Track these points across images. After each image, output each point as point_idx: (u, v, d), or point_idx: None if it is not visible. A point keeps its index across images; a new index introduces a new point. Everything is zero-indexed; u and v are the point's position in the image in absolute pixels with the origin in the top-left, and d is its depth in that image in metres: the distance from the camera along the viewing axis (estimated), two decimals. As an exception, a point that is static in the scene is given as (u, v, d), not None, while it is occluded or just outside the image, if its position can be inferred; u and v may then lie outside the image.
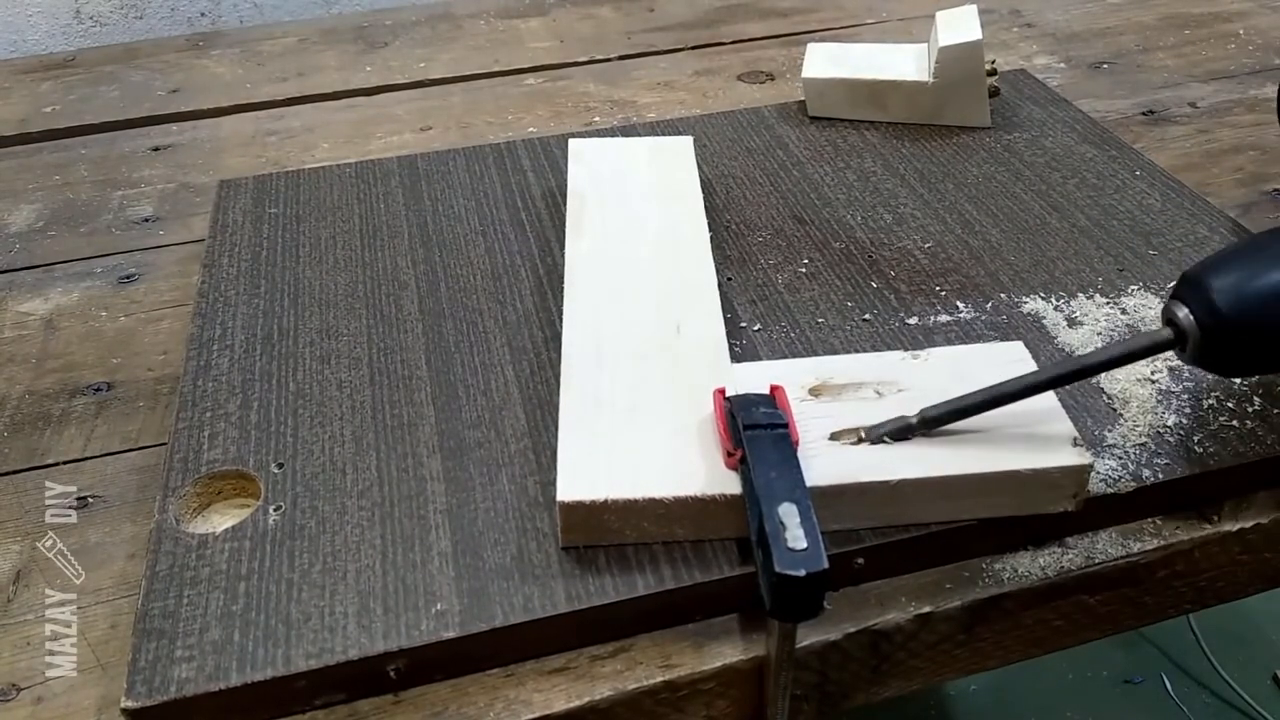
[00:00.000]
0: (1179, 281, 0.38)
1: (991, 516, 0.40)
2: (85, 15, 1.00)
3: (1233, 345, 0.37)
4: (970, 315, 0.50)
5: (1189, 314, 0.37)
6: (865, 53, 0.69)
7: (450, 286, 0.53)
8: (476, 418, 0.45)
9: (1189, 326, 0.37)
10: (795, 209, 0.59)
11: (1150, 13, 0.87)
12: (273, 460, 0.44)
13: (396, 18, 0.93)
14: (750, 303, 0.52)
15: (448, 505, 0.41)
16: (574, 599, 0.37)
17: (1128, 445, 0.43)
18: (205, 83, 0.82)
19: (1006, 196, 0.59)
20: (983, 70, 0.64)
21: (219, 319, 0.52)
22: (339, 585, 0.38)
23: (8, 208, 0.67)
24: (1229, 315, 0.36)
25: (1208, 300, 0.36)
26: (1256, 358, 0.37)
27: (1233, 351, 0.37)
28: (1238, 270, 0.37)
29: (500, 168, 0.64)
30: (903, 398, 0.42)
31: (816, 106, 0.68)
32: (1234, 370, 0.39)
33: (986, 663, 0.42)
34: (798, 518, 0.35)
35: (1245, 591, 0.45)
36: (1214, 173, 0.65)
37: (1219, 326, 0.36)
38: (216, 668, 0.36)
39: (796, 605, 0.34)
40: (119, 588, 0.41)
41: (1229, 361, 0.38)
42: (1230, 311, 0.36)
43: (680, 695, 0.38)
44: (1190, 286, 0.37)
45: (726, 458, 0.39)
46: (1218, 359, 0.37)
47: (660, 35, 0.87)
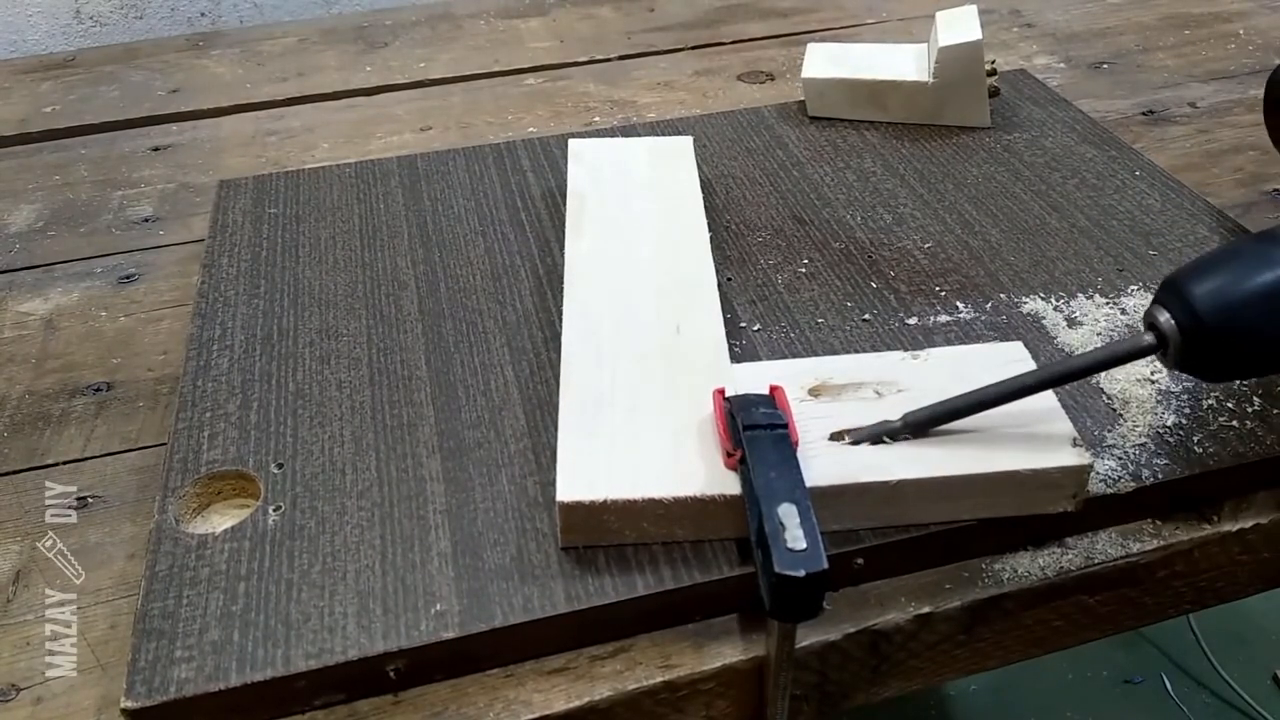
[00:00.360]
0: (1161, 286, 0.38)
1: (991, 517, 0.40)
2: (85, 15, 1.00)
3: (1213, 349, 0.37)
4: (970, 315, 0.50)
5: (1170, 319, 0.37)
6: (865, 53, 0.69)
7: (450, 287, 0.53)
8: (476, 418, 0.45)
9: (1170, 331, 0.37)
10: (795, 209, 0.59)
11: (1150, 13, 0.87)
12: (272, 460, 0.44)
13: (396, 18, 0.93)
14: (750, 303, 0.52)
15: (447, 505, 0.41)
16: (573, 599, 0.37)
17: (1127, 445, 0.43)
18: (205, 83, 0.82)
19: (1006, 197, 0.59)
20: (982, 70, 0.64)
21: (219, 319, 0.52)
22: (338, 585, 0.38)
23: (8, 208, 0.67)
24: (1209, 320, 0.36)
25: (1188, 305, 0.36)
26: (1237, 362, 0.37)
27: (1213, 356, 0.37)
28: (1218, 275, 0.37)
29: (500, 168, 0.64)
30: (902, 398, 0.42)
31: (816, 106, 0.68)
32: (1216, 375, 0.39)
33: (986, 663, 0.42)
34: (797, 518, 0.35)
35: (1245, 591, 0.45)
36: (1214, 173, 0.65)
37: (1199, 331, 0.36)
38: (216, 668, 0.36)
39: (796, 605, 0.34)
40: (119, 588, 0.41)
41: (1210, 366, 0.37)
42: (1210, 316, 0.36)
43: (680, 695, 0.38)
44: (1171, 291, 0.37)
45: (726, 458, 0.39)
46: (1199, 363, 0.37)
47: (660, 35, 0.87)
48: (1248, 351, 0.37)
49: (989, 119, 0.66)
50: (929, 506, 0.39)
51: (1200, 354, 0.37)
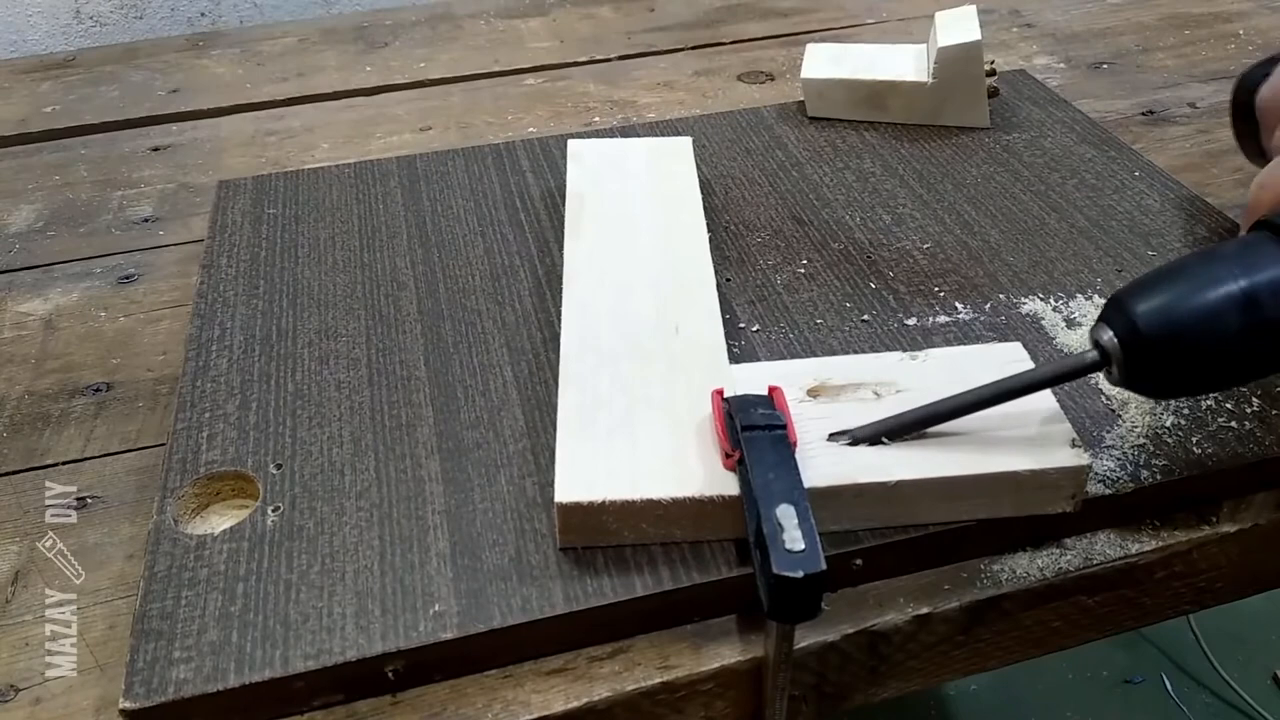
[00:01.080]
0: (1105, 304, 0.38)
1: (990, 517, 0.40)
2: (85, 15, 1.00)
3: (1155, 365, 0.37)
4: (969, 316, 0.50)
5: (1112, 336, 0.37)
6: (864, 53, 0.69)
7: (449, 287, 0.53)
8: (475, 419, 0.45)
9: (1112, 348, 0.37)
10: (794, 209, 0.59)
11: (1150, 13, 0.87)
12: (271, 461, 0.44)
13: (396, 18, 0.93)
14: (749, 303, 0.52)
15: (446, 506, 0.41)
16: (572, 600, 0.38)
17: (1126, 446, 0.43)
18: (205, 83, 0.82)
19: (1005, 197, 0.59)
20: (981, 71, 0.64)
21: (218, 319, 0.52)
22: (337, 586, 0.38)
23: (8, 208, 0.67)
24: (1149, 336, 0.36)
25: (1130, 322, 0.37)
26: (1180, 378, 0.37)
27: (1156, 371, 0.37)
28: (1160, 292, 0.37)
29: (499, 168, 0.64)
30: (901, 398, 0.42)
31: (816, 107, 0.68)
32: (1162, 392, 0.40)
33: (985, 664, 0.42)
34: (795, 519, 0.35)
35: (1244, 592, 0.45)
36: (1213, 173, 0.65)
37: (1141, 346, 0.37)
38: (215, 669, 0.36)
39: (794, 606, 0.34)
40: (118, 588, 0.41)
41: (1154, 381, 0.38)
42: (1150, 332, 0.36)
43: (678, 696, 0.38)
44: (1114, 308, 0.38)
45: (724, 459, 0.39)
46: (1143, 379, 0.38)
47: (660, 35, 0.87)
48: (1190, 367, 0.37)
49: (988, 120, 0.66)
50: (928, 507, 0.39)
51: (1143, 369, 0.37)
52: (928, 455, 0.39)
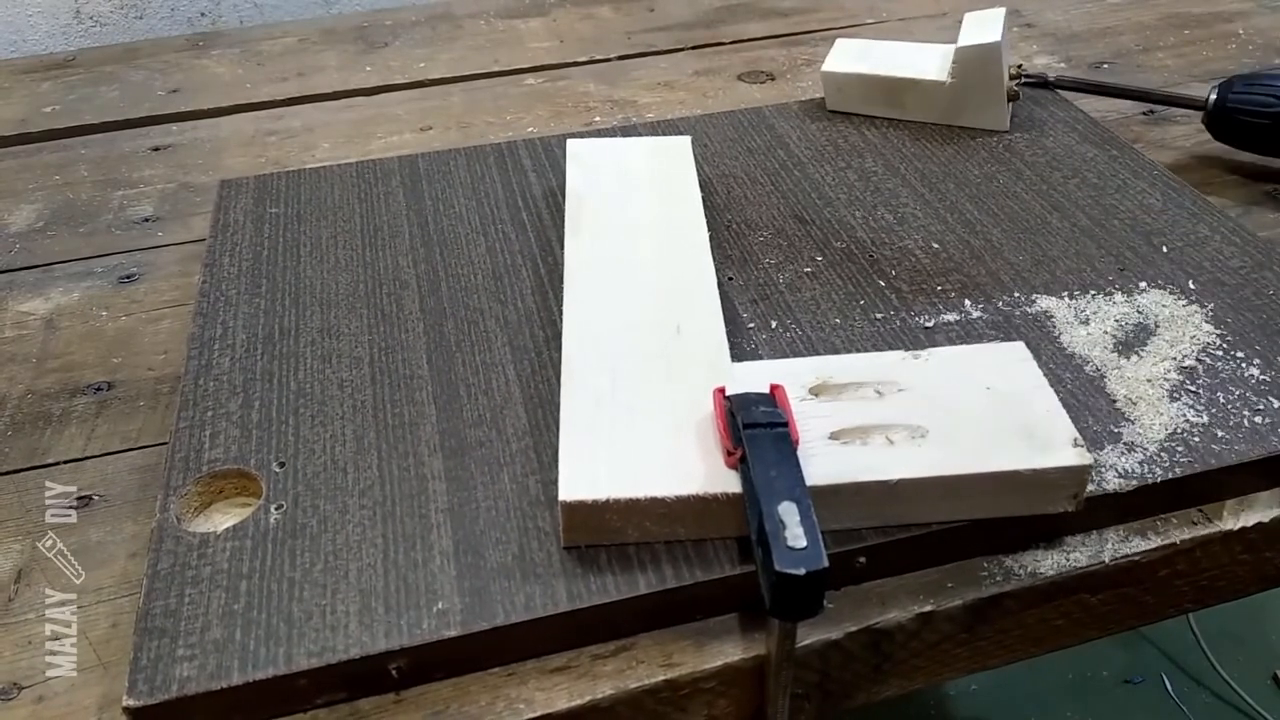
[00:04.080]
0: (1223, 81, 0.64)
1: (991, 517, 0.40)
2: (85, 15, 1.00)
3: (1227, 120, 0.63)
4: (971, 315, 0.50)
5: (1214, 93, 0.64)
6: (891, 50, 0.68)
7: (451, 286, 0.53)
8: (478, 417, 0.45)
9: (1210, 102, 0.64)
10: (796, 208, 0.59)
11: (1150, 13, 0.87)
12: (274, 459, 0.44)
13: (396, 18, 0.93)
14: (751, 302, 0.52)
15: (449, 504, 0.41)
16: (575, 598, 0.38)
17: (1129, 445, 0.43)
18: (205, 83, 0.82)
19: (1007, 196, 0.59)
20: (1001, 73, 0.63)
21: (220, 318, 0.52)
22: (340, 584, 0.38)
23: (8, 208, 0.67)
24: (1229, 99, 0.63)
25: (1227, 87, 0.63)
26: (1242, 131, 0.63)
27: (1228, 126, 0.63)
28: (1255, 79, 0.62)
29: (501, 167, 0.64)
30: (903, 397, 0.42)
31: (835, 101, 0.68)
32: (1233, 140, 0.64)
33: (988, 662, 0.42)
34: (797, 516, 0.35)
35: (1246, 591, 0.45)
36: (1214, 172, 0.65)
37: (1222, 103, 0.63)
38: (218, 666, 0.36)
39: (796, 604, 0.34)
40: (120, 587, 0.41)
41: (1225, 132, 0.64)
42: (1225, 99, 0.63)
43: (681, 694, 0.38)
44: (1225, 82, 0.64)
45: (726, 457, 0.39)
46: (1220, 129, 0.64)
47: (660, 35, 0.87)
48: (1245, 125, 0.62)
49: (1008, 122, 0.65)
50: (929, 506, 0.39)
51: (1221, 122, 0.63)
52: (929, 454, 0.39)
